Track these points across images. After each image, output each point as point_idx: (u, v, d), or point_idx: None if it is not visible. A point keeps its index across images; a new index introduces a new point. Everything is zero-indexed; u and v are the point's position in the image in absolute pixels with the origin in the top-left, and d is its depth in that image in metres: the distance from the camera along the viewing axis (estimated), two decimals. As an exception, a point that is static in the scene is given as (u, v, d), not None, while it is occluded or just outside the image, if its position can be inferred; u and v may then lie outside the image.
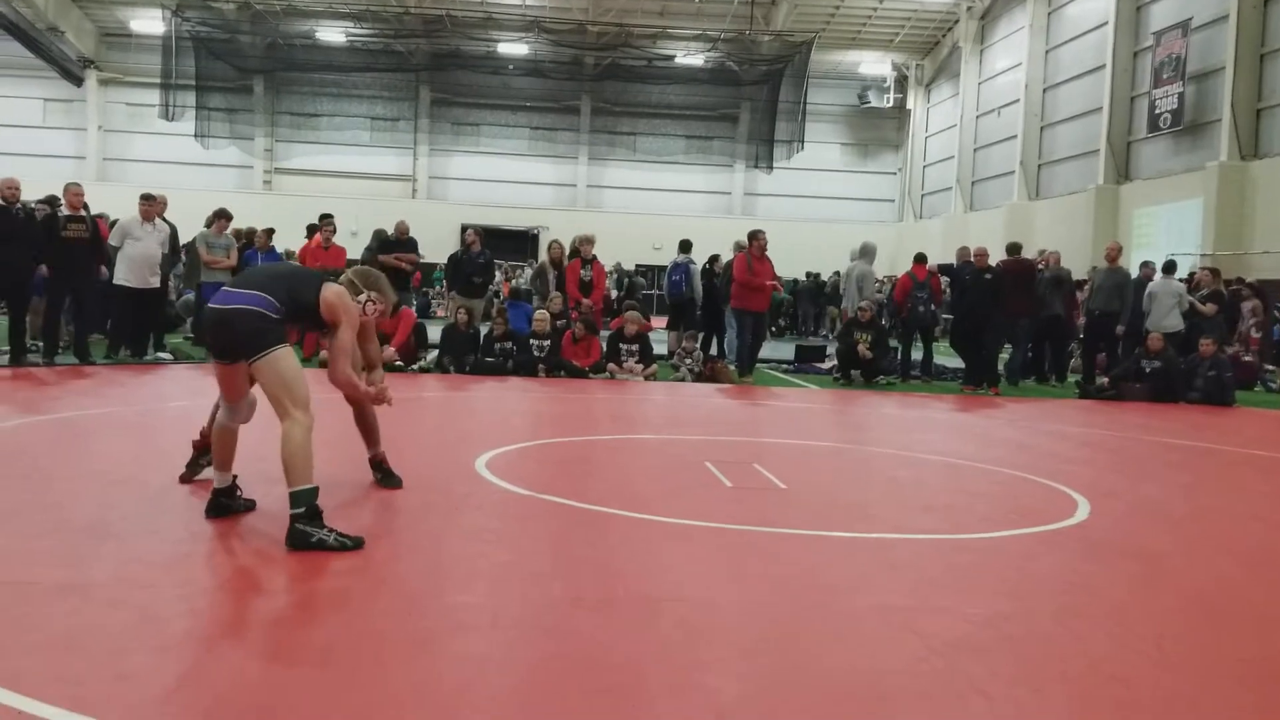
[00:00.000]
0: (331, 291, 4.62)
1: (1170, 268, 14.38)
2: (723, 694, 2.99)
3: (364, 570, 4.09)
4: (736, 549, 4.74)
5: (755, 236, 13.32)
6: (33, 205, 11.74)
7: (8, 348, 10.98)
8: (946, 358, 15.82)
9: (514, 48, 34.06)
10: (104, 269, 11.57)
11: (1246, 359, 15.21)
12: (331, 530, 4.27)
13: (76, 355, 11.31)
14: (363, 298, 4.88)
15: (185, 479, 5.40)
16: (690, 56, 34.20)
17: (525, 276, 19.71)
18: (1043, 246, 15.51)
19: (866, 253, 14.88)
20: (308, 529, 4.23)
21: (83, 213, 11.43)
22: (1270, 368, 15.60)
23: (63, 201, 11.41)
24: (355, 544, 4.26)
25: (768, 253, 13.41)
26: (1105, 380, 13.25)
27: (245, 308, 4.40)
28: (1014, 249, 13.95)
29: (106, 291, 11.79)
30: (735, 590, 4.07)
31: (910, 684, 3.13)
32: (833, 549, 4.85)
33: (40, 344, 11.34)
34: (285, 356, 4.38)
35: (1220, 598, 4.26)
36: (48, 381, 9.83)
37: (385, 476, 5.69)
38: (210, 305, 4.58)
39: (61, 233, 11.04)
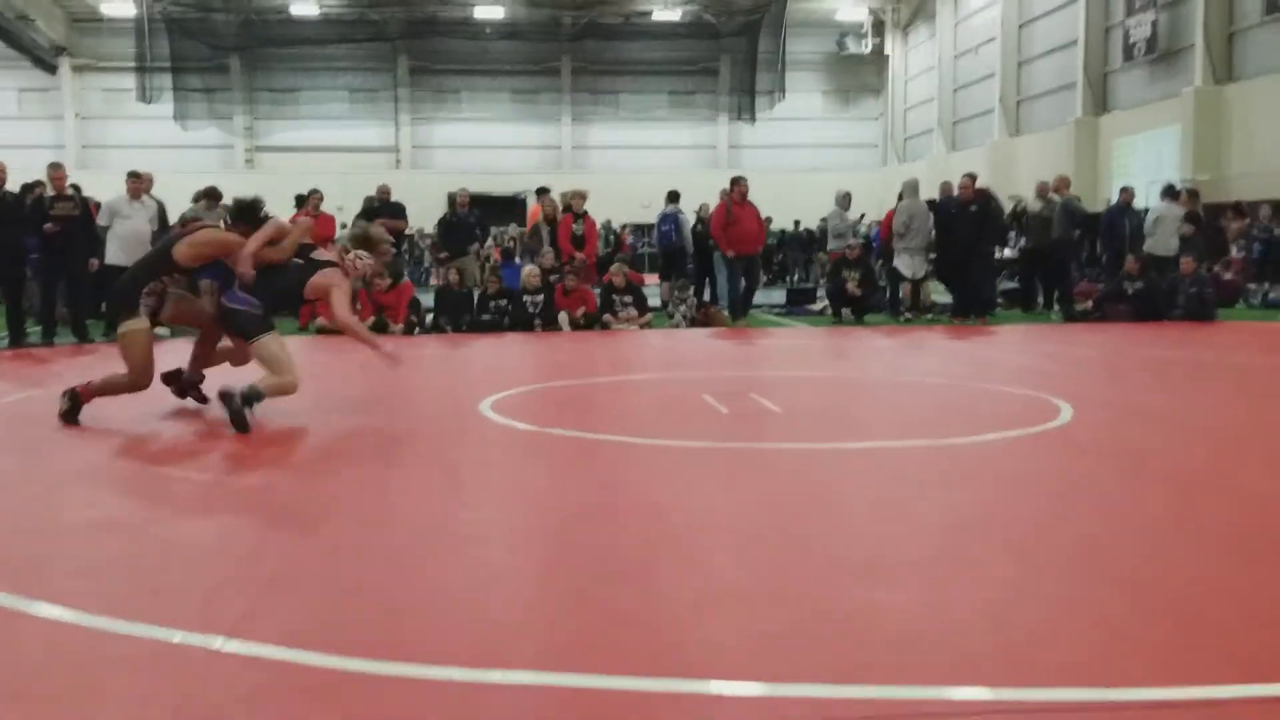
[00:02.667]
0: (319, 276, 5.98)
1: (1172, 191, 14.50)
2: (727, 574, 3.19)
3: (379, 496, 4.28)
4: (734, 462, 4.94)
5: (736, 183, 13.49)
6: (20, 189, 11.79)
7: (6, 331, 11.09)
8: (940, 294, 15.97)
9: (491, 11, 33.85)
10: (94, 261, 11.45)
11: (1228, 277, 15.41)
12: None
13: (75, 334, 11.42)
14: (350, 256, 6.12)
15: (68, 420, 5.80)
16: (667, 11, 34.05)
17: (508, 234, 19.60)
18: (1030, 180, 15.58)
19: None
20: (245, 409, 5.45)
21: (70, 191, 11.50)
22: (1252, 285, 15.80)
23: (47, 184, 11.46)
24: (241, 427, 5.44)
25: (753, 199, 13.55)
26: (1090, 304, 13.43)
27: (235, 307, 5.87)
28: (972, 179, 13.97)
29: (100, 276, 11.79)
30: (734, 494, 4.27)
31: (899, 556, 3.34)
32: (826, 458, 5.05)
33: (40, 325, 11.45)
34: (269, 343, 5.80)
35: (1195, 481, 4.47)
36: (48, 360, 9.98)
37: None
38: (220, 301, 5.93)
39: (50, 213, 11.10)
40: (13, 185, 11.78)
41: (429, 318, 13.14)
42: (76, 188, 11.78)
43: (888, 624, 2.72)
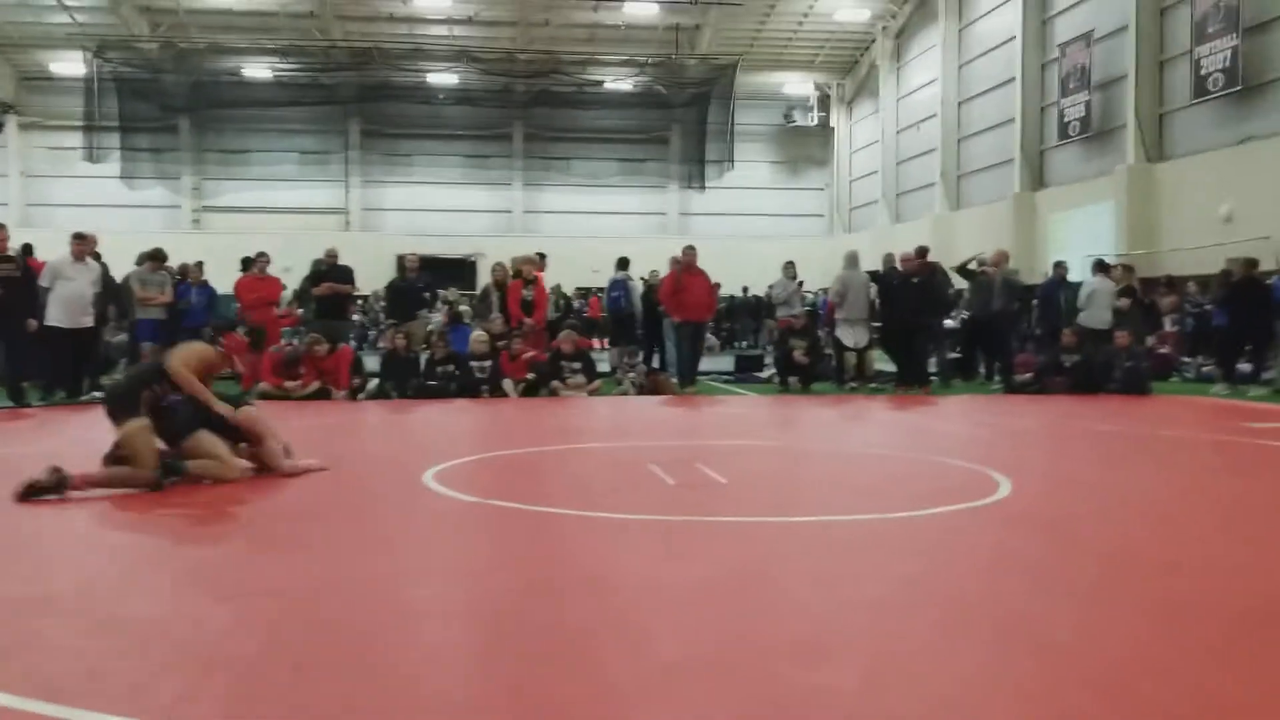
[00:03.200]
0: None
1: (1103, 266, 14.95)
2: (669, 654, 3.20)
3: (320, 571, 4.24)
4: (678, 536, 4.97)
5: (685, 252, 13.74)
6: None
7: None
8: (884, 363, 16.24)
9: (443, 78, 34.23)
10: (32, 321, 11.29)
11: (1163, 351, 15.85)
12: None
13: (10, 398, 11.20)
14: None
15: (22, 499, 5.45)
16: (619, 81, 34.66)
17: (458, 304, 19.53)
18: (971, 252, 15.98)
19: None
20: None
21: (10, 253, 11.36)
22: (1186, 359, 16.26)
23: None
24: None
25: (701, 266, 13.78)
26: (1029, 376, 13.73)
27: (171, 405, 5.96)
28: (920, 252, 14.33)
29: (39, 334, 11.63)
30: (679, 568, 4.28)
31: (839, 635, 3.38)
32: (768, 532, 5.10)
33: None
34: (203, 438, 6.01)
35: (1129, 553, 4.57)
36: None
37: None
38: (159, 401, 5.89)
39: (-10, 274, 10.97)
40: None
41: (373, 382, 13.08)
42: (28, 248, 11.61)
43: (826, 705, 2.75)
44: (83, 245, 11.97)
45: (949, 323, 17.68)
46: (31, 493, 5.46)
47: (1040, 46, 25.68)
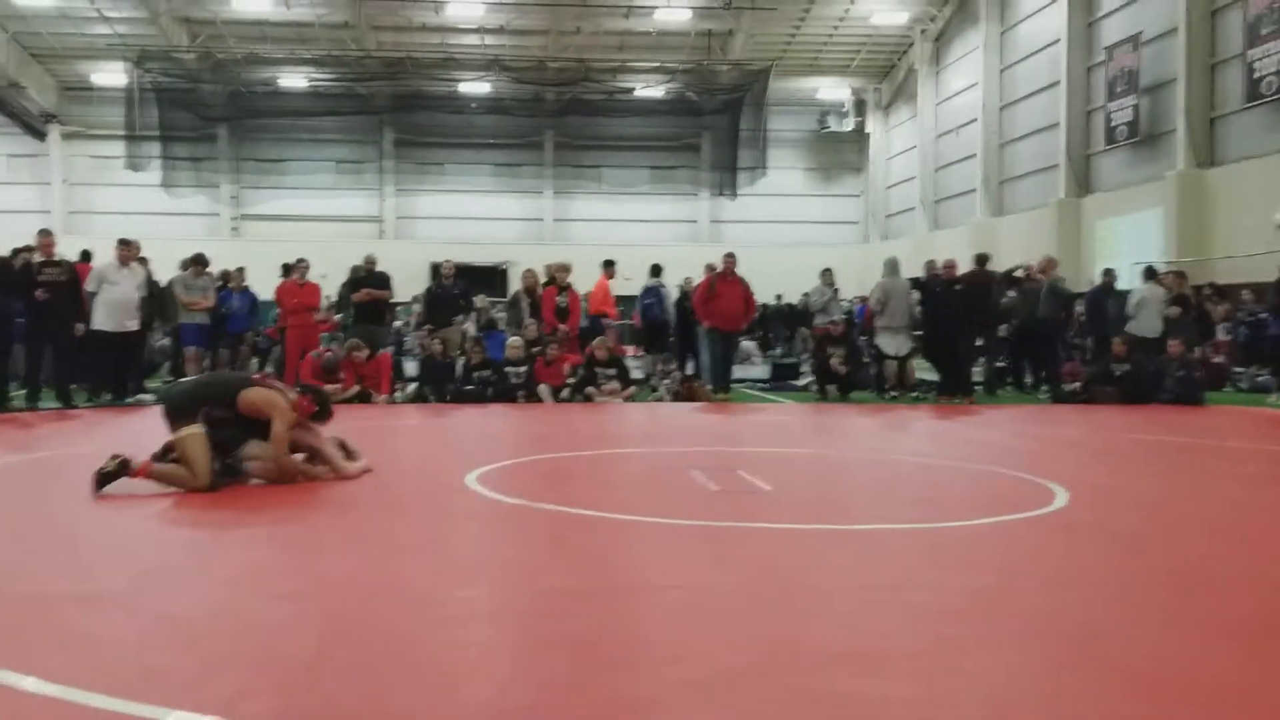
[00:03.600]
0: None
1: (1153, 273, 14.68)
2: (721, 662, 3.12)
3: (370, 572, 4.20)
4: (726, 542, 4.88)
5: (724, 259, 13.75)
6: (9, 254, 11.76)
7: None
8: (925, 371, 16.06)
9: (475, 86, 34.34)
10: (79, 326, 11.40)
11: (1217, 360, 15.56)
12: None
13: (59, 399, 11.31)
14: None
15: (98, 488, 5.71)
16: (650, 88, 34.63)
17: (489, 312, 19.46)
18: (1014, 260, 15.76)
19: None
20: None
21: (57, 258, 11.48)
22: (1239, 369, 15.95)
23: (37, 249, 11.45)
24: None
25: (740, 273, 13.71)
26: (1078, 385, 13.50)
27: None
28: (980, 260, 14.21)
29: (86, 338, 11.73)
30: (726, 576, 4.20)
31: (899, 647, 3.27)
32: (818, 540, 5.00)
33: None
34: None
35: (1197, 567, 4.44)
36: (32, 425, 9.85)
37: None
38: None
39: (38, 278, 11.07)
40: (1, 249, 11.78)
41: (411, 387, 13.12)
42: (87, 254, 11.72)
43: (886, 716, 2.66)
44: (127, 251, 12.09)
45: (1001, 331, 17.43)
46: (104, 481, 5.68)
47: (1086, 49, 25.34)
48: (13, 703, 2.70)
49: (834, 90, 37.23)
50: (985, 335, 14.14)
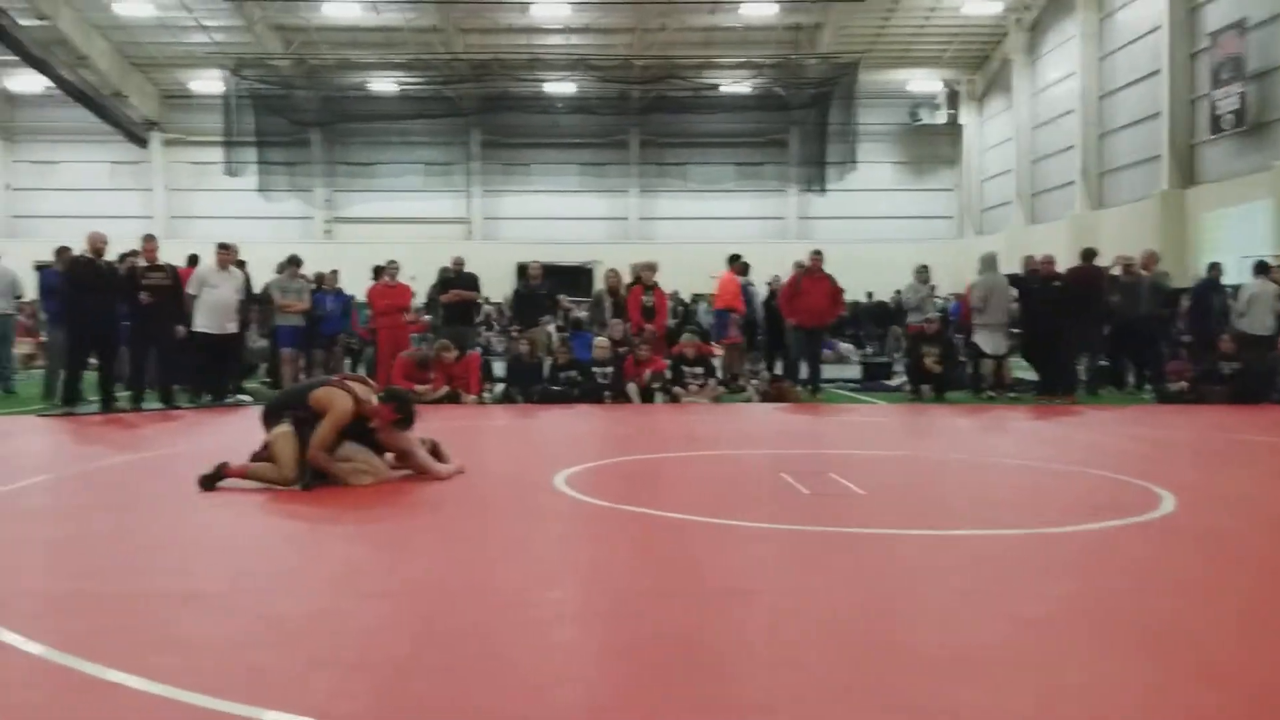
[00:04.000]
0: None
1: (1264, 268, 14.05)
2: (811, 665, 3.05)
3: (459, 573, 4.21)
4: (819, 547, 4.79)
5: (811, 256, 13.72)
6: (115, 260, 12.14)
7: (97, 396, 11.35)
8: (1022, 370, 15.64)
9: (561, 86, 34.54)
10: (180, 328, 11.74)
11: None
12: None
13: (161, 400, 11.64)
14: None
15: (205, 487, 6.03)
16: (736, 84, 34.40)
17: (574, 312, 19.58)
18: (1115, 254, 15.19)
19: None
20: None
21: (161, 262, 11.83)
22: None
23: (141, 254, 11.81)
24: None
25: (829, 271, 13.55)
26: (1184, 384, 12.98)
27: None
28: (1087, 255, 13.73)
29: (187, 340, 12.04)
30: (820, 581, 4.12)
31: (1001, 656, 3.17)
32: (915, 544, 4.87)
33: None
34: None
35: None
36: (137, 425, 10.16)
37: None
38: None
39: (142, 282, 11.41)
40: (107, 255, 12.16)
41: (499, 388, 13.21)
42: (195, 258, 12.10)
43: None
44: (227, 255, 12.39)
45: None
46: (207, 484, 5.99)
47: (1188, 36, 24.41)
48: (121, 702, 2.75)
49: (926, 82, 36.55)
50: (1089, 333, 13.67)
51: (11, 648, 3.17)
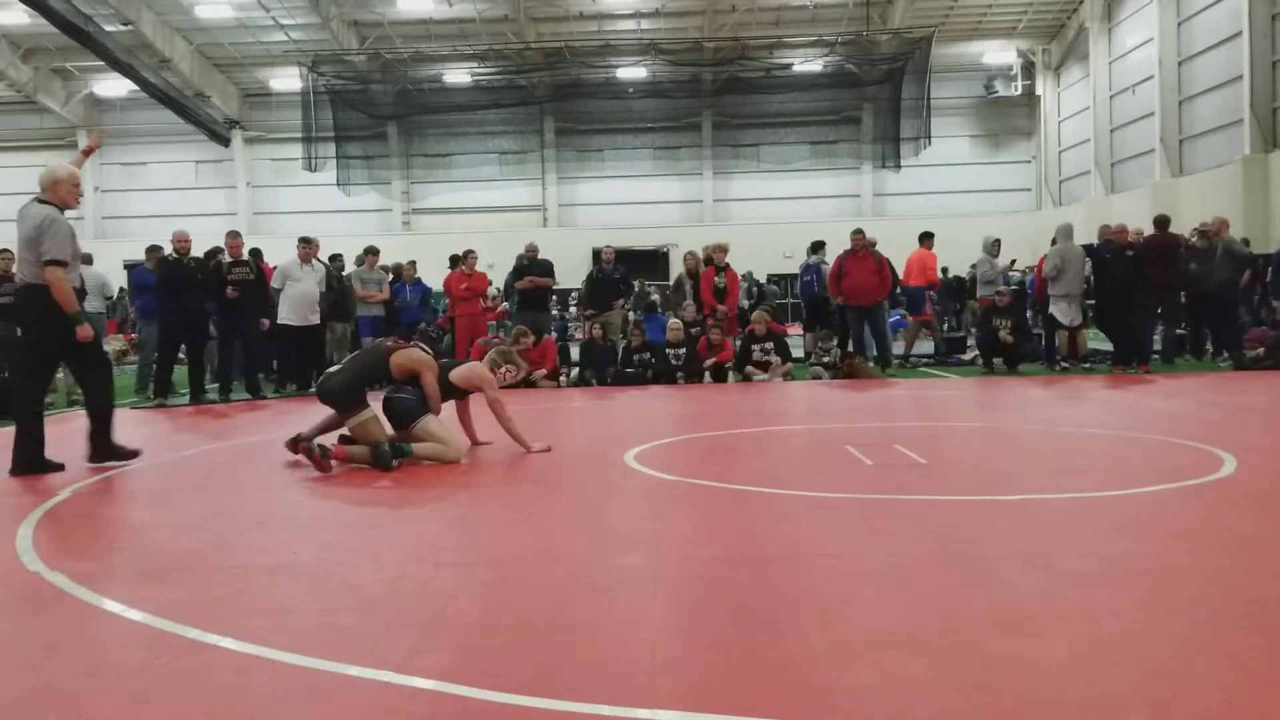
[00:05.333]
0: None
1: None
2: (868, 621, 3.22)
3: (534, 541, 4.46)
4: (878, 514, 4.93)
5: (852, 236, 13.91)
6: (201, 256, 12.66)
7: (188, 389, 11.90)
8: (1097, 341, 15.44)
9: (632, 71, 34.68)
10: (264, 321, 12.22)
11: None
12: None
13: (248, 391, 12.14)
14: (501, 370, 7.19)
15: (291, 448, 6.72)
16: (808, 63, 34.17)
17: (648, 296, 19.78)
18: (1196, 222, 14.88)
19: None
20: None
21: (246, 258, 12.32)
22: None
23: (225, 250, 12.31)
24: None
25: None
26: (1261, 351, 12.74)
27: (398, 397, 6.74)
28: (1160, 223, 13.52)
29: (272, 331, 12.51)
30: (878, 545, 4.27)
31: (1045, 609, 3.30)
32: (974, 510, 4.99)
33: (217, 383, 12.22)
34: (429, 422, 6.65)
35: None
36: (226, 415, 10.65)
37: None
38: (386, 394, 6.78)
39: (228, 278, 11.90)
40: (194, 251, 12.69)
41: (574, 371, 13.50)
42: (257, 253, 12.56)
43: (1028, 675, 2.70)
44: (308, 249, 12.84)
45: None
46: (316, 456, 6.34)
47: (1269, -4, 23.68)
48: (216, 660, 3.04)
49: (1000, 54, 35.89)
50: (1166, 301, 13.46)
51: (115, 615, 3.50)
